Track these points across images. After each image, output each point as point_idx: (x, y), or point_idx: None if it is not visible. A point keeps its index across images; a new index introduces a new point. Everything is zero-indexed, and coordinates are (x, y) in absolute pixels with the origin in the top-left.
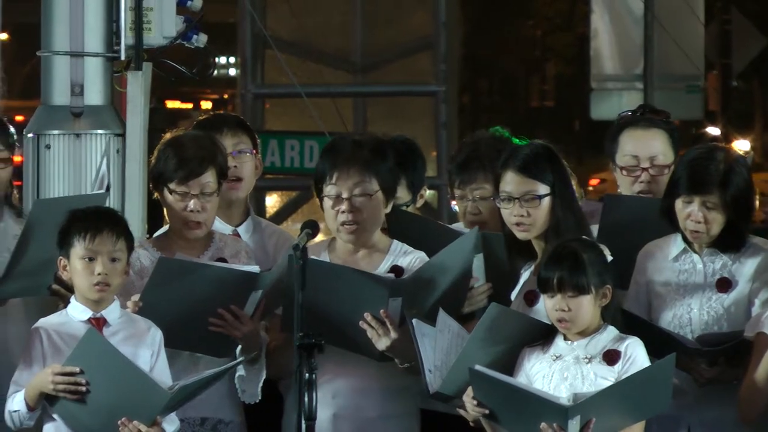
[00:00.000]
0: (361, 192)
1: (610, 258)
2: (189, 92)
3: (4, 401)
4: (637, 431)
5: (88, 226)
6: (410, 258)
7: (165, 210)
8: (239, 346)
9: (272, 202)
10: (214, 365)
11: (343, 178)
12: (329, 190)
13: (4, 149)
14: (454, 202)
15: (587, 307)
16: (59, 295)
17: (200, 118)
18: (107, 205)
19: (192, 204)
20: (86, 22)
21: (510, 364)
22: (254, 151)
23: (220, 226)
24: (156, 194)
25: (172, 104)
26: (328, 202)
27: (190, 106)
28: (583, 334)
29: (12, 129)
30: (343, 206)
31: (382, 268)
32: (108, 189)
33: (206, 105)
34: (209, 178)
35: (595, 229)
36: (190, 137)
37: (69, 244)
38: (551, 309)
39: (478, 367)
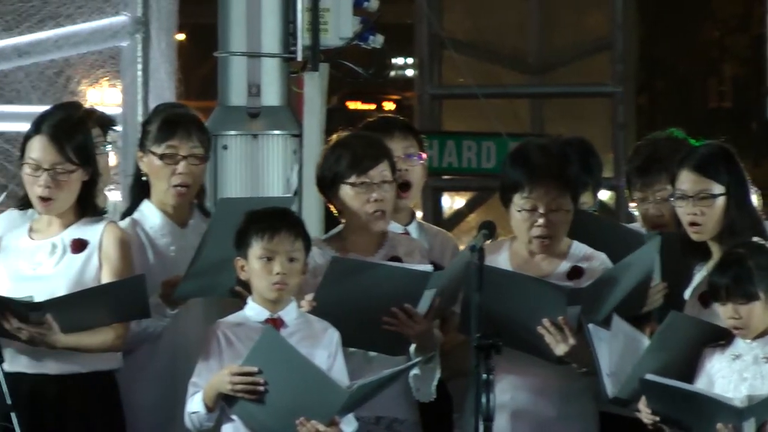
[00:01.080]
0: (557, 207)
1: None
2: (371, 93)
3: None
4: None
5: (266, 227)
6: (592, 261)
7: (338, 210)
8: (413, 345)
9: (449, 202)
10: (388, 364)
11: (539, 192)
12: (523, 203)
13: (200, 147)
14: (632, 204)
15: (759, 312)
16: (241, 297)
17: (368, 120)
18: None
19: (376, 194)
20: (263, 23)
21: (685, 366)
22: (423, 156)
23: (392, 225)
24: (332, 199)
25: (353, 105)
26: (521, 214)
27: (372, 107)
28: (763, 333)
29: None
30: (540, 221)
31: (562, 270)
32: (296, 194)
33: (389, 106)
34: (385, 168)
35: None
36: (356, 136)
37: (247, 245)
38: (724, 316)
39: (649, 376)
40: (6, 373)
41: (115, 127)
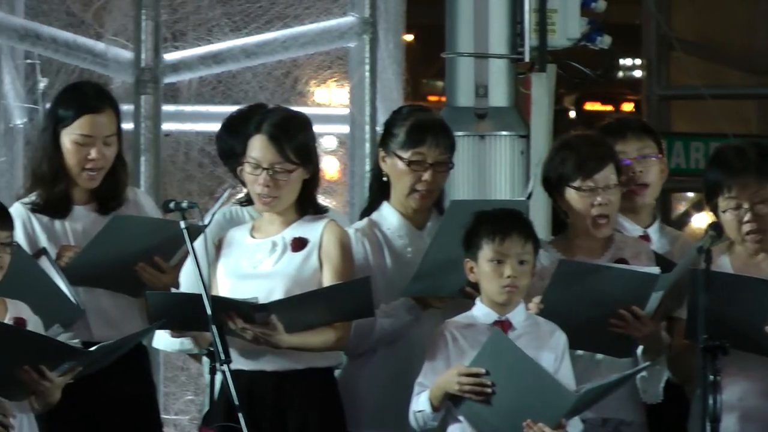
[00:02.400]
0: (761, 199)
1: None
2: (608, 94)
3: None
4: None
5: (497, 229)
6: None
7: (564, 212)
8: (640, 347)
9: (678, 203)
10: (615, 366)
11: (739, 187)
12: (727, 203)
13: (446, 154)
14: None
15: None
16: (470, 297)
17: (604, 123)
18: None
19: (600, 198)
20: (490, 24)
21: None
22: (660, 156)
23: (630, 227)
24: (557, 199)
25: (590, 106)
26: (728, 214)
27: (609, 108)
28: None
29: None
30: (747, 216)
31: None
32: (530, 197)
33: (627, 107)
34: (611, 172)
35: None
36: (581, 138)
37: (477, 247)
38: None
39: None
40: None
41: None
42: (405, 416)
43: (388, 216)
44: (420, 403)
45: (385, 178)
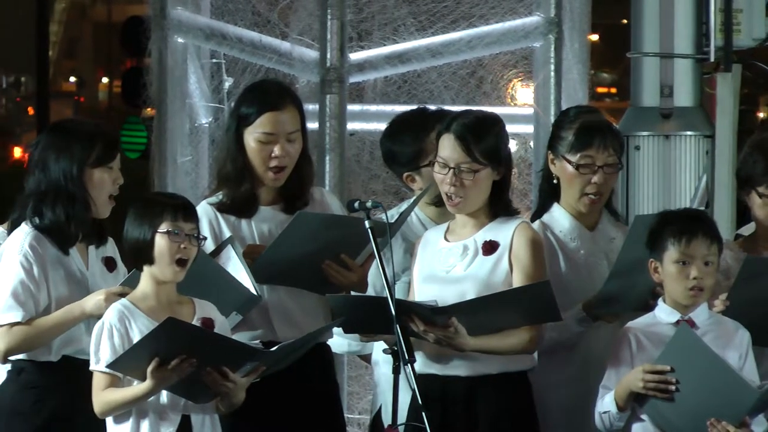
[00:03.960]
0: None
1: None
2: None
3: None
4: None
5: (684, 230)
6: None
7: (753, 212)
8: None
9: None
10: None
11: None
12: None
13: (615, 156)
14: None
15: None
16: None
17: None
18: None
19: None
20: (676, 24)
21: None
22: None
23: None
24: (744, 196)
25: None
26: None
27: None
28: None
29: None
30: None
31: None
32: (707, 206)
33: None
34: None
35: None
36: None
37: (662, 248)
38: None
39: None
40: (418, 374)
41: None
42: (585, 419)
43: (560, 218)
44: (605, 405)
45: (555, 181)
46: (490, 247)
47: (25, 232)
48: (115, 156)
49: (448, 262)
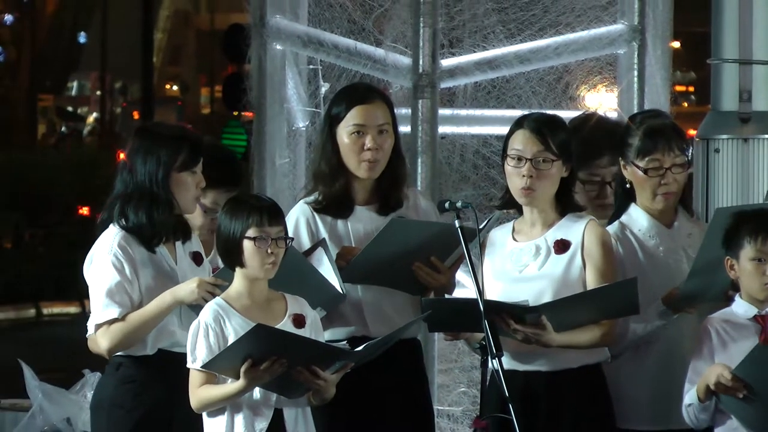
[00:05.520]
0: None
1: None
2: None
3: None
4: None
5: (759, 228)
6: None
7: None
8: None
9: None
10: None
11: None
12: None
13: (682, 155)
14: None
15: None
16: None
17: None
18: None
19: None
20: (754, 30)
21: None
22: None
23: None
24: None
25: None
26: None
27: None
28: None
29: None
30: None
31: None
32: None
33: None
34: None
35: None
36: None
37: (738, 246)
38: None
39: None
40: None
41: None
42: (668, 411)
43: (638, 218)
44: (688, 397)
45: (628, 185)
46: (562, 246)
47: (113, 233)
48: (200, 160)
49: (521, 262)
